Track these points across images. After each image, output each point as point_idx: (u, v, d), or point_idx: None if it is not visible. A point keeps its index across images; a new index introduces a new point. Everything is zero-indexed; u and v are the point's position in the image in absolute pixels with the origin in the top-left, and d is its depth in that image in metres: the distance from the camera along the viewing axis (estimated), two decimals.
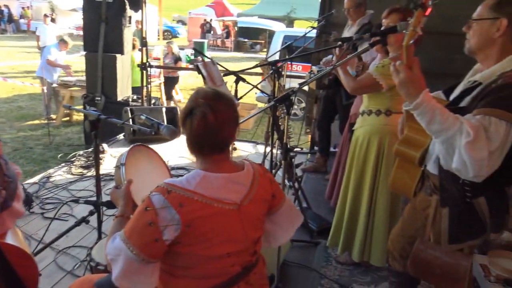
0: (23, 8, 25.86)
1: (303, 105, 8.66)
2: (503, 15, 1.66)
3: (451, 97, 1.89)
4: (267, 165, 3.71)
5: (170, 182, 1.39)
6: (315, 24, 4.48)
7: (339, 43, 2.90)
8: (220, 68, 3.56)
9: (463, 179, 1.68)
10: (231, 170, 1.48)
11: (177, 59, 9.11)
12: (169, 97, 9.17)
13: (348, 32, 4.16)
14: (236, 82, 3.45)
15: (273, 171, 3.49)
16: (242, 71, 3.85)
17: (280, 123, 3.64)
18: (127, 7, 6.22)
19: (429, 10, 1.63)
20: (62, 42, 7.97)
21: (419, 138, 1.92)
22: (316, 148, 5.49)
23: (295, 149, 5.24)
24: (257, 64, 3.85)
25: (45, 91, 7.92)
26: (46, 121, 7.27)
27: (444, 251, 1.82)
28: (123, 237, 1.36)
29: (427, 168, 1.92)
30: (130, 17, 6.41)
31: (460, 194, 1.73)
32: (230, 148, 1.52)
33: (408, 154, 1.97)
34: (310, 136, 5.72)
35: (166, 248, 1.36)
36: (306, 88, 4.96)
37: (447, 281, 1.81)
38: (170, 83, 9.21)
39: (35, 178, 4.38)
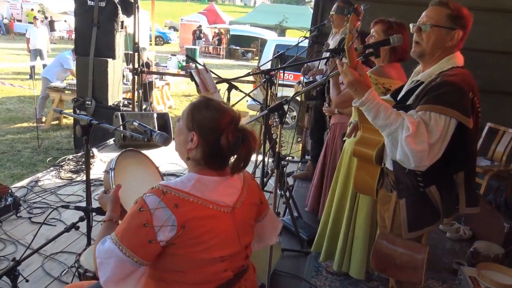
0: (32, 9, 25.50)
1: (294, 113, 8.69)
2: (459, 27, 1.83)
3: (398, 98, 2.04)
4: (258, 173, 3.71)
5: (165, 184, 1.38)
6: (308, 34, 4.52)
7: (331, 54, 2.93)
8: (213, 75, 3.56)
9: (415, 171, 1.82)
10: (224, 174, 1.49)
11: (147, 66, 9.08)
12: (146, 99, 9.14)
13: (331, 40, 4.21)
14: (229, 89, 3.45)
15: (265, 179, 3.48)
16: (235, 79, 3.86)
17: (272, 132, 3.64)
18: (120, 11, 6.21)
19: (361, 15, 1.80)
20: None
21: (374, 137, 2.07)
22: (307, 157, 5.51)
23: (287, 158, 5.26)
24: (250, 72, 3.86)
25: (44, 93, 7.85)
26: (35, 124, 7.17)
27: (402, 243, 1.95)
28: (114, 239, 1.34)
29: (386, 166, 2.06)
30: (122, 21, 6.40)
31: (414, 185, 1.88)
32: None
33: (366, 154, 2.12)
34: (301, 145, 5.73)
35: (160, 249, 1.34)
36: (298, 97, 4.99)
37: (406, 271, 1.92)
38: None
39: (23, 182, 4.32)
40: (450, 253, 3.55)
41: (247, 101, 9.04)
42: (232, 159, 1.48)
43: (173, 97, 11.18)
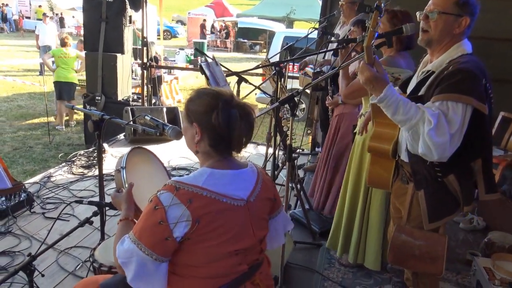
0: (40, 6, 25.59)
1: (303, 106, 8.65)
2: (467, 14, 1.81)
3: (408, 90, 2.03)
4: (269, 166, 3.71)
5: (178, 180, 1.38)
6: (317, 25, 4.48)
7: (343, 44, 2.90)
8: (222, 68, 3.55)
9: (432, 162, 1.82)
10: (236, 168, 1.49)
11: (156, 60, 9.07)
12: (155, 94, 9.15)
13: (340, 30, 4.17)
14: (238, 82, 3.44)
15: (276, 172, 3.48)
16: (245, 71, 3.84)
17: (282, 125, 3.63)
18: (128, 6, 6.21)
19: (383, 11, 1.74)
20: (78, 42, 7.95)
21: (388, 131, 2.06)
22: (317, 149, 5.49)
23: (297, 151, 5.25)
24: (259, 65, 3.83)
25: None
26: (46, 120, 7.23)
27: (420, 235, 1.95)
28: (133, 238, 1.36)
29: (401, 158, 2.05)
30: (130, 16, 6.40)
31: (431, 175, 1.88)
32: None
33: (381, 149, 2.10)
34: (311, 137, 5.71)
35: (177, 245, 1.35)
36: (307, 89, 4.96)
37: (426, 262, 1.92)
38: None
39: (36, 178, 4.36)
40: (463, 244, 3.52)
41: (256, 94, 9.00)
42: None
43: (182, 91, 11.19)
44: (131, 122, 2.35)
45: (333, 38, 3.93)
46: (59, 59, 7.06)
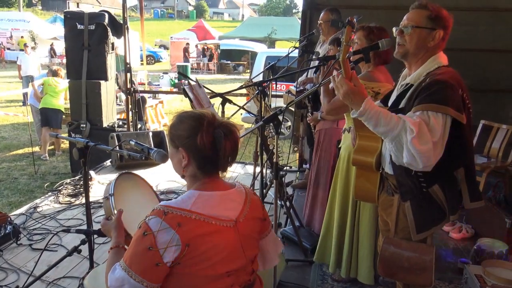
0: (22, 36, 25.49)
1: (289, 123, 8.72)
2: (439, 27, 1.89)
3: (389, 103, 2.07)
4: (257, 185, 3.71)
5: (165, 204, 1.38)
6: (297, 44, 4.56)
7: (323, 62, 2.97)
8: (206, 90, 3.57)
9: (415, 172, 1.85)
10: (224, 188, 1.49)
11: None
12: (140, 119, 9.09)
13: (320, 49, 4.25)
14: (223, 104, 3.47)
15: (264, 191, 3.48)
16: (228, 92, 3.87)
17: (268, 143, 3.65)
18: (110, 33, 6.25)
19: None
20: (49, 72, 7.87)
21: (371, 144, 2.09)
22: (305, 165, 5.51)
23: (285, 168, 5.26)
24: (242, 85, 3.88)
25: (37, 120, 7.83)
26: (30, 151, 7.15)
27: (408, 246, 1.96)
28: (123, 266, 1.34)
29: (385, 170, 2.07)
30: (113, 43, 6.44)
31: (416, 186, 1.90)
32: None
33: (365, 161, 2.13)
34: (298, 154, 5.75)
35: (167, 270, 1.34)
36: (292, 107, 5.02)
37: (415, 273, 1.93)
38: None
39: (22, 209, 4.29)
40: (454, 253, 3.55)
41: (241, 114, 9.06)
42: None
43: (168, 114, 11.19)
44: (117, 148, 2.35)
45: (313, 56, 4.01)
46: (49, 87, 7.03)
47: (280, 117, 2.45)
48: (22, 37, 25.16)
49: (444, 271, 3.24)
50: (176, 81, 11.97)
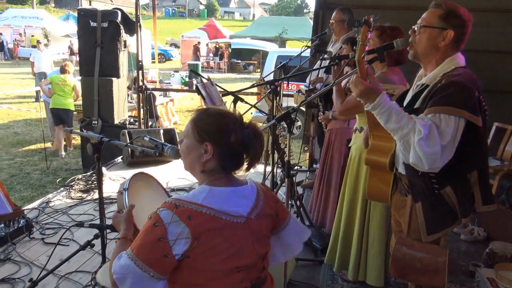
0: (32, 35, 25.83)
1: (299, 123, 8.71)
2: (450, 27, 1.85)
3: (404, 103, 2.05)
4: (267, 184, 3.71)
5: (177, 198, 1.39)
6: (310, 44, 4.55)
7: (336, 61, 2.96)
8: (218, 88, 3.58)
9: (428, 173, 1.83)
10: (236, 185, 1.50)
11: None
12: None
13: (332, 48, 4.24)
14: (234, 102, 3.48)
15: (275, 190, 3.48)
16: (240, 91, 3.88)
17: (280, 142, 3.66)
18: (122, 31, 6.29)
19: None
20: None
21: (385, 144, 2.07)
22: (315, 165, 5.50)
23: (295, 167, 5.26)
24: (254, 84, 3.88)
25: (50, 116, 7.92)
26: (42, 146, 7.23)
27: (421, 247, 1.94)
28: (130, 255, 1.34)
29: (399, 171, 2.06)
30: (125, 41, 6.48)
31: (428, 188, 1.89)
32: None
33: (378, 162, 2.11)
34: (308, 154, 5.74)
35: (176, 263, 1.34)
36: (303, 107, 5.02)
37: (428, 274, 1.91)
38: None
39: (34, 204, 4.34)
40: (465, 256, 3.52)
41: (251, 113, 9.07)
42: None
43: (178, 113, 11.25)
44: (132, 144, 2.36)
45: (326, 56, 4.00)
46: (57, 86, 7.07)
47: (294, 116, 2.45)
48: (32, 36, 25.46)
49: (455, 273, 3.21)
50: (187, 79, 12.02)
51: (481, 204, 1.91)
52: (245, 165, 1.52)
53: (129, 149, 5.53)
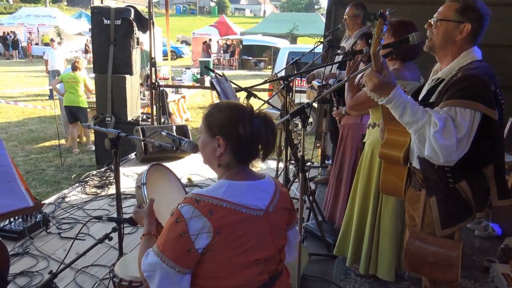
0: (43, 35, 26.21)
1: (310, 120, 8.69)
2: (467, 20, 1.84)
3: (420, 97, 2.05)
4: (280, 180, 3.73)
5: (197, 193, 1.41)
6: (322, 39, 4.54)
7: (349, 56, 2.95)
8: (232, 85, 3.60)
9: (443, 167, 1.84)
10: (254, 178, 1.52)
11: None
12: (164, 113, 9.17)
13: (345, 44, 4.23)
14: (248, 98, 3.49)
15: (288, 185, 3.49)
16: (253, 87, 3.89)
17: (293, 137, 3.66)
18: (135, 28, 6.33)
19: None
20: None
21: (400, 138, 2.07)
22: (327, 161, 5.50)
23: (307, 164, 5.26)
24: (267, 80, 3.89)
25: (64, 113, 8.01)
26: (57, 143, 7.33)
27: (435, 241, 1.94)
28: (156, 252, 1.38)
29: (413, 165, 2.06)
30: (138, 38, 6.53)
31: (443, 182, 1.88)
32: None
33: (392, 156, 2.11)
34: (320, 150, 5.73)
35: (199, 257, 1.37)
36: (314, 103, 5.01)
37: (441, 269, 1.91)
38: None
39: (51, 199, 4.42)
40: (480, 251, 3.50)
41: (264, 109, 9.07)
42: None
43: (189, 109, 11.30)
44: (148, 139, 2.39)
45: (339, 51, 4.00)
46: (67, 84, 7.13)
47: (308, 111, 2.45)
48: (43, 35, 25.75)
49: (470, 269, 3.20)
50: (199, 76, 12.07)
51: (497, 198, 1.90)
52: (260, 155, 1.52)
53: (143, 145, 5.59)
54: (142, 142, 2.95)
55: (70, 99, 7.17)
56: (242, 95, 3.52)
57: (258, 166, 4.74)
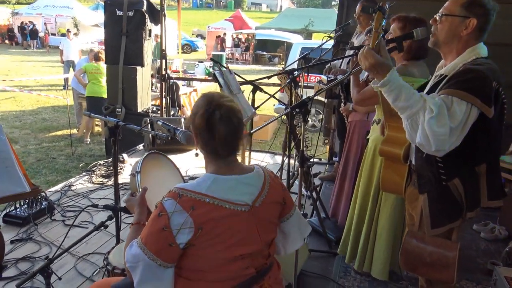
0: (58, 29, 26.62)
1: (321, 116, 8.64)
2: (473, 15, 1.78)
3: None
4: (284, 175, 3.71)
5: (181, 187, 1.41)
6: (332, 35, 4.50)
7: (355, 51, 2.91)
8: (237, 78, 3.58)
9: (437, 163, 1.80)
10: (241, 172, 1.50)
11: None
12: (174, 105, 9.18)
13: (356, 40, 4.17)
14: (253, 91, 3.48)
15: (291, 180, 3.48)
16: (257, 80, 3.87)
17: (297, 132, 3.64)
18: (147, 20, 6.35)
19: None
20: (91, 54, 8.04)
21: (400, 135, 2.00)
22: (335, 158, 5.46)
23: (311, 159, 5.23)
24: (274, 74, 3.86)
25: (76, 102, 8.10)
26: (68, 132, 7.41)
27: (431, 241, 1.90)
28: (140, 244, 1.39)
29: (413, 163, 2.01)
30: (150, 30, 6.54)
31: (436, 178, 1.85)
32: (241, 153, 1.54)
33: (393, 153, 2.08)
34: (328, 146, 5.69)
35: (180, 251, 1.37)
36: (324, 99, 4.97)
37: (437, 269, 1.87)
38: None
39: (57, 187, 4.47)
40: (484, 254, 3.44)
41: (274, 105, 9.05)
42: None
43: None
44: (147, 129, 2.40)
45: (346, 46, 3.95)
46: (90, 74, 7.16)
47: (310, 105, 2.43)
48: (60, 26, 26.07)
49: (472, 271, 3.15)
50: (211, 70, 12.06)
51: (486, 198, 1.86)
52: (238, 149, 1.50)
53: (150, 137, 5.62)
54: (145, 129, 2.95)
55: (93, 89, 7.18)
56: (248, 89, 3.50)
57: (265, 160, 4.77)
